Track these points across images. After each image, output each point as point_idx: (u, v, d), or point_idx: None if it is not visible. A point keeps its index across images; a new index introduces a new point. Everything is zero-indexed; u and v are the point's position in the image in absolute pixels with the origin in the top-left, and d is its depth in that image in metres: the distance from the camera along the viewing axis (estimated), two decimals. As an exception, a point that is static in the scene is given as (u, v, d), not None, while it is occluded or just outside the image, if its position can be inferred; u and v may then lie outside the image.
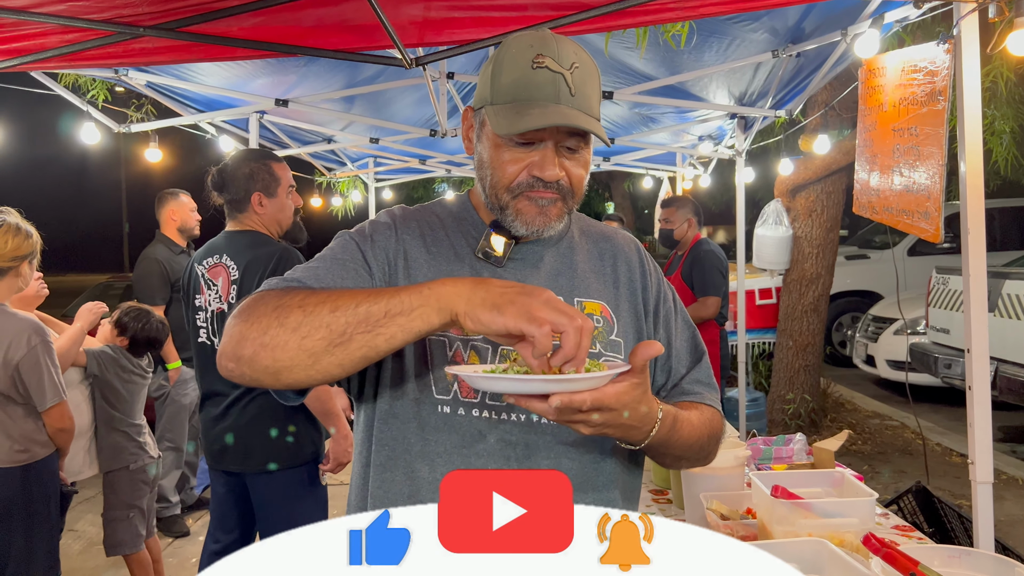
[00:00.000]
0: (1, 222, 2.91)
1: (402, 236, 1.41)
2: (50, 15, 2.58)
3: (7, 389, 2.91)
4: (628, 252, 1.55)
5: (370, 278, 1.36)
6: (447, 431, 1.32)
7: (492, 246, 1.40)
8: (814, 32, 3.87)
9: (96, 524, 5.43)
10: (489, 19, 2.52)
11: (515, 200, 1.36)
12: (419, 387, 1.34)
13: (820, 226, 6.34)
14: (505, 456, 1.32)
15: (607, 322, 1.44)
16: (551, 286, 1.41)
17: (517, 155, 1.33)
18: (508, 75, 1.32)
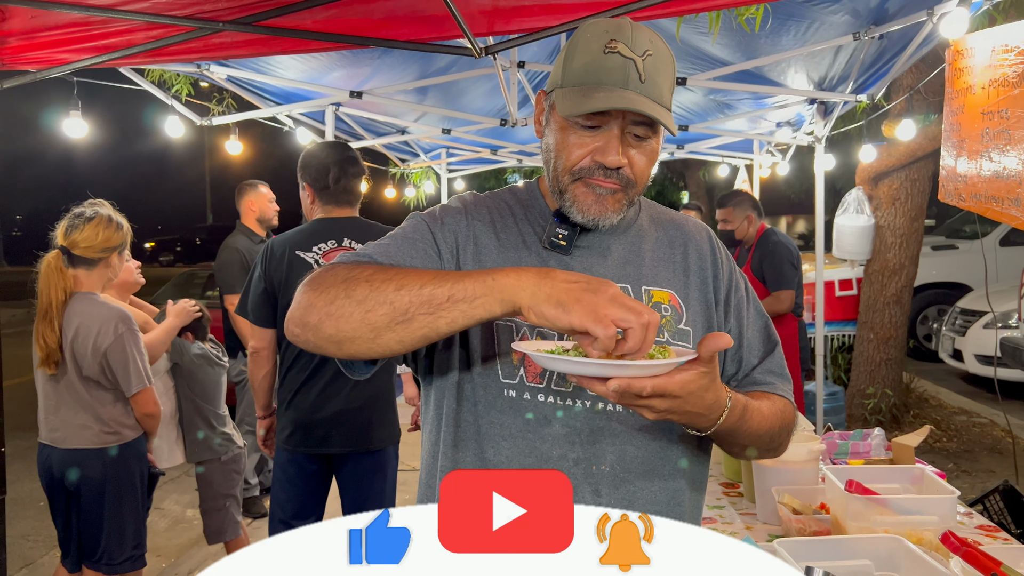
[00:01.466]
0: (94, 214, 3.04)
1: (472, 222, 1.42)
2: (136, 12, 2.68)
3: (96, 375, 3.05)
4: (699, 240, 1.52)
5: (439, 259, 1.37)
6: (512, 415, 1.33)
7: (558, 235, 1.39)
8: (898, 13, 3.72)
9: (180, 503, 5.68)
10: (559, 6, 2.51)
11: (574, 185, 1.34)
12: (486, 370, 1.35)
13: (904, 215, 6.11)
14: (570, 441, 1.32)
15: (675, 311, 1.42)
16: (619, 274, 1.41)
17: (583, 139, 1.32)
18: (580, 59, 1.32)
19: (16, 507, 3.97)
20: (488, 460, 1.34)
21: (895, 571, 1.63)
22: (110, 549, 3.11)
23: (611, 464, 1.33)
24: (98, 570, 3.11)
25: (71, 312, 3.02)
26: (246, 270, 5.12)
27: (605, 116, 1.30)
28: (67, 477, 3.08)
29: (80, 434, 3.06)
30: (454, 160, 8.71)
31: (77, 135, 3.96)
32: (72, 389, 3.05)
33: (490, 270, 1.17)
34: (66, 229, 3.03)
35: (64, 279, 2.99)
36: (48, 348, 2.97)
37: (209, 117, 5.16)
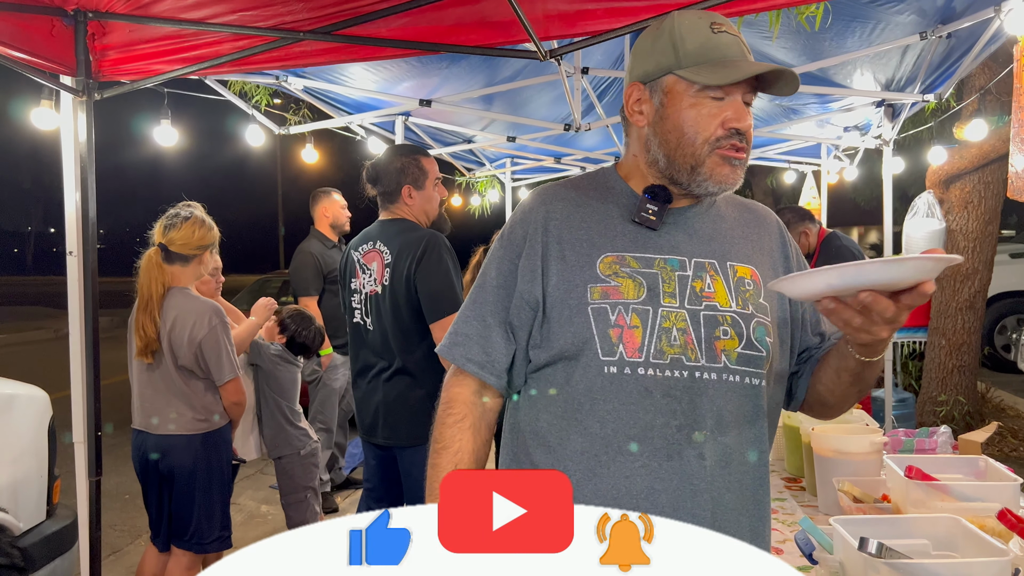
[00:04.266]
0: (189, 215, 3.26)
1: (550, 225, 1.51)
2: (224, 24, 2.87)
3: (191, 364, 3.24)
4: (770, 223, 1.63)
5: (534, 282, 1.49)
6: (614, 390, 1.41)
7: (649, 210, 1.48)
8: (965, 11, 3.69)
9: (255, 499, 5.90)
10: (622, 9, 2.59)
11: (711, 156, 1.43)
12: (584, 353, 1.43)
13: (977, 218, 5.97)
14: (671, 410, 1.40)
15: (756, 285, 1.51)
16: (706, 250, 1.50)
17: (715, 110, 1.42)
18: (692, 41, 1.43)
19: (104, 498, 4.22)
20: (595, 435, 1.42)
21: (953, 551, 1.65)
22: (200, 529, 3.29)
23: (711, 428, 1.41)
24: (188, 549, 3.30)
25: (168, 305, 3.22)
26: (319, 274, 5.32)
27: (731, 87, 1.41)
28: (161, 461, 3.28)
29: (173, 421, 3.26)
30: (518, 169, 8.85)
31: (168, 143, 4.21)
32: (167, 378, 3.26)
33: None
34: (164, 228, 3.25)
35: (163, 274, 3.21)
36: (147, 338, 3.18)
37: (287, 126, 5.39)
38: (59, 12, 2.88)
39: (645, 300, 1.43)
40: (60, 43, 2.91)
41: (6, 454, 3.24)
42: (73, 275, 3.02)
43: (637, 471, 1.40)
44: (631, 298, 1.43)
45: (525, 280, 1.50)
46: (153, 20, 2.89)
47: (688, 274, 1.47)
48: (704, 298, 1.45)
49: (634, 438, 1.40)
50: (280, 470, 4.07)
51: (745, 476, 1.46)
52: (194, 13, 2.85)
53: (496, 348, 1.52)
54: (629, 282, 1.44)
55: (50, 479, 3.53)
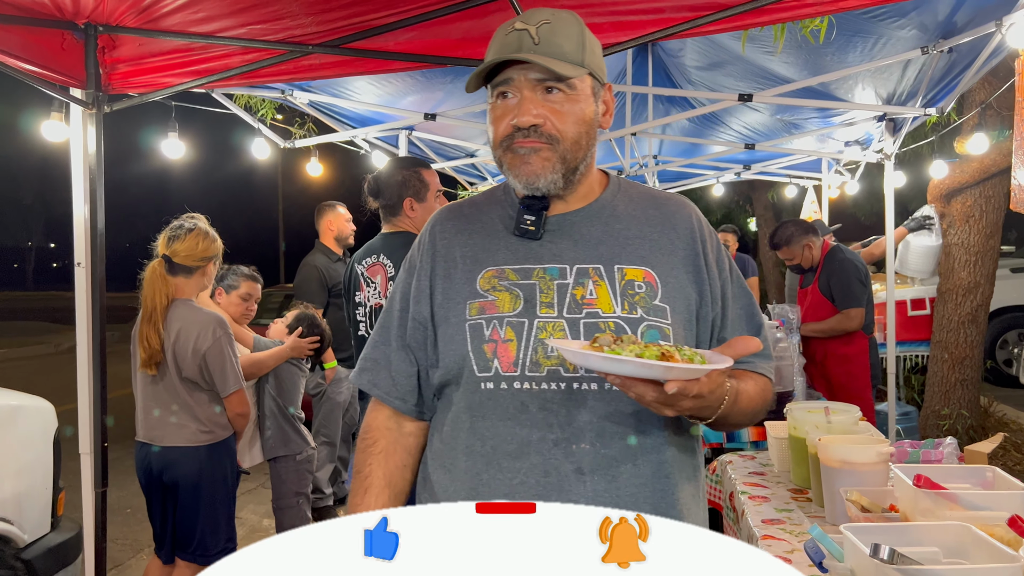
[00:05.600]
0: (193, 226, 3.27)
1: (436, 247, 1.53)
2: (233, 38, 2.90)
3: (194, 376, 3.24)
4: (680, 218, 1.53)
5: (423, 302, 1.52)
6: (492, 406, 1.40)
7: (526, 221, 1.46)
8: (967, 25, 3.72)
9: (257, 513, 5.88)
10: (628, 23, 2.62)
11: (505, 154, 1.43)
12: (462, 370, 1.43)
13: (978, 232, 5.98)
14: (548, 424, 1.37)
15: (650, 287, 1.44)
16: (591, 255, 1.45)
17: (500, 111, 1.42)
18: (490, 51, 1.43)
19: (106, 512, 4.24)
20: (476, 453, 1.41)
21: (964, 558, 1.65)
22: (204, 541, 3.28)
23: (590, 441, 1.37)
24: (193, 561, 3.29)
25: (172, 316, 3.23)
26: (324, 287, 5.34)
27: (512, 84, 1.39)
28: (165, 473, 3.28)
29: (177, 433, 3.26)
30: (520, 183, 8.89)
31: (175, 155, 4.23)
32: (172, 390, 3.25)
33: None
34: (168, 239, 3.26)
35: (166, 285, 3.21)
36: (151, 349, 3.18)
37: (292, 140, 5.42)
38: (70, 26, 2.91)
39: (520, 312, 1.41)
40: (71, 56, 2.94)
41: (11, 465, 3.25)
42: (81, 286, 3.03)
43: (516, 488, 1.37)
44: (506, 311, 1.41)
45: (416, 300, 1.52)
46: (163, 34, 2.92)
47: (568, 282, 1.43)
48: (585, 305, 1.41)
49: (511, 454, 1.37)
50: (274, 473, 4.06)
51: (642, 489, 1.40)
52: (204, 27, 2.88)
53: (400, 372, 1.54)
54: (506, 295, 1.43)
55: (54, 491, 3.53)
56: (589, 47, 1.45)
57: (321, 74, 2.93)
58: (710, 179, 8.62)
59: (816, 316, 4.77)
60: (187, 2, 2.71)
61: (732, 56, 4.89)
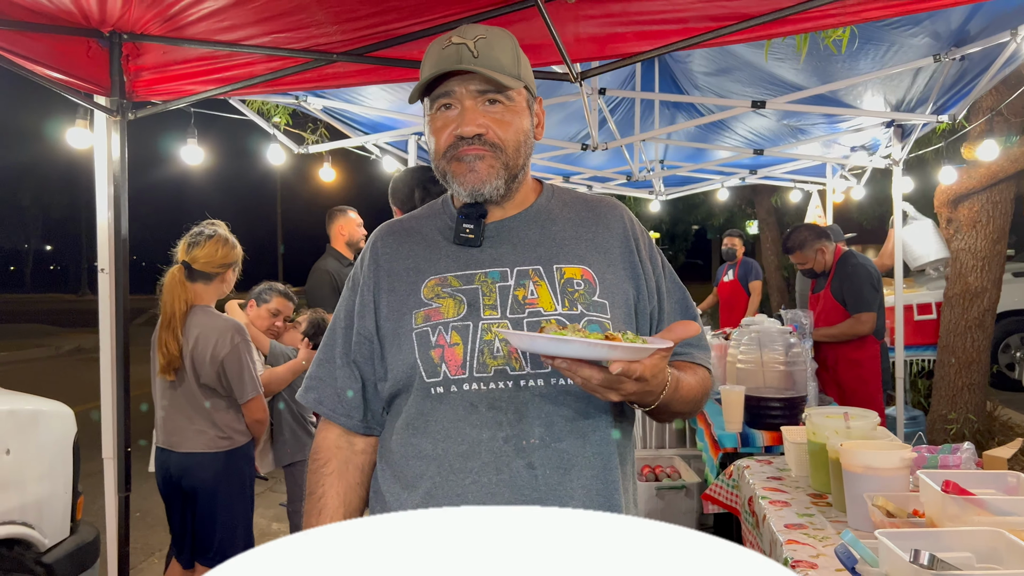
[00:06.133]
0: (213, 233, 3.29)
1: (378, 261, 1.57)
2: (257, 46, 2.92)
3: (212, 382, 3.26)
4: (612, 218, 1.61)
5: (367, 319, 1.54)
6: (443, 409, 1.44)
7: (465, 229, 1.51)
8: (980, 34, 3.75)
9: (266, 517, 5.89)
10: (651, 32, 2.64)
11: (450, 164, 1.47)
12: (411, 377, 1.46)
13: (985, 237, 6.02)
14: (497, 422, 1.41)
15: (589, 284, 1.51)
16: (530, 257, 1.51)
17: (441, 121, 1.46)
18: (428, 62, 1.47)
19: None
20: (429, 456, 1.44)
21: (997, 563, 1.68)
22: (223, 547, 3.30)
23: (540, 436, 1.41)
24: (212, 565, 3.30)
25: (190, 323, 3.24)
26: (336, 291, 5.35)
27: (454, 96, 1.44)
28: (184, 479, 3.30)
29: (196, 439, 3.27)
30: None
31: (194, 162, 4.25)
32: (190, 395, 3.27)
33: None
34: (187, 245, 3.28)
35: (186, 291, 3.23)
36: (170, 355, 3.20)
37: (306, 145, 5.45)
38: (95, 34, 2.93)
39: (464, 316, 1.45)
40: (96, 64, 2.96)
41: (33, 470, 3.26)
42: (104, 292, 3.05)
43: (468, 488, 1.40)
44: (450, 316, 1.45)
45: (360, 316, 1.55)
46: (188, 42, 2.94)
47: (510, 284, 1.49)
48: (527, 305, 1.47)
49: (463, 455, 1.41)
50: (290, 478, 4.08)
51: (593, 481, 1.46)
52: (228, 35, 2.90)
53: (345, 388, 1.56)
54: (450, 301, 1.47)
55: (74, 495, 3.55)
56: (523, 62, 1.52)
57: (344, 82, 2.95)
58: (715, 183, 8.65)
59: (828, 321, 4.80)
60: (213, 11, 2.74)
61: (740, 62, 4.92)
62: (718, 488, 3.45)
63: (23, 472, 3.19)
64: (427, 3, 2.67)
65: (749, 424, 3.91)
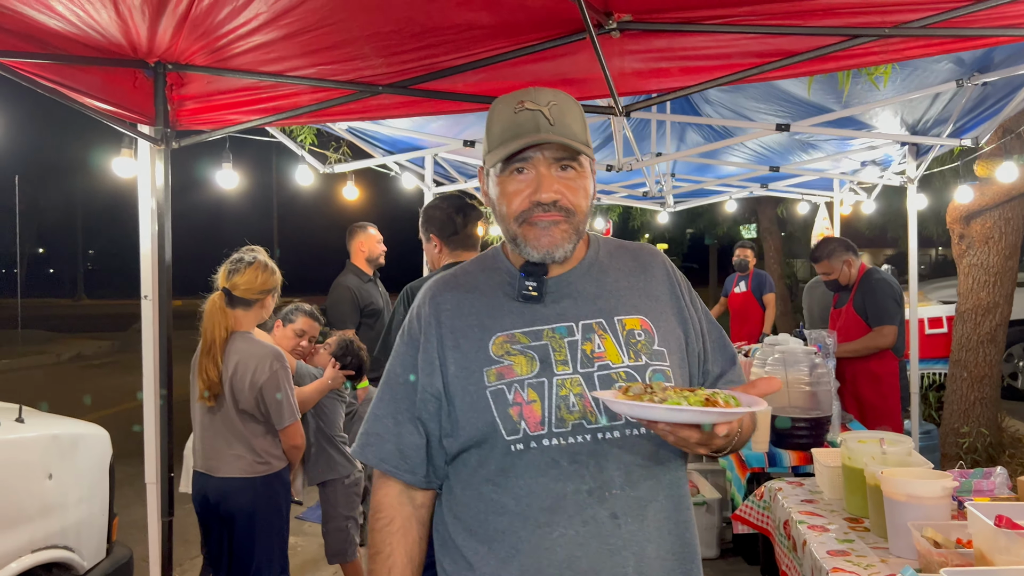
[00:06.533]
0: (253, 259, 3.32)
1: (441, 321, 1.58)
2: (302, 77, 2.96)
3: (251, 408, 3.29)
4: (656, 266, 1.68)
5: (430, 383, 1.55)
6: (523, 466, 1.47)
7: (528, 287, 1.55)
8: (1005, 61, 3.81)
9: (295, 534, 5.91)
10: (696, 68, 2.69)
11: (522, 228, 1.52)
12: (489, 434, 1.49)
13: (997, 253, 6.09)
14: (580, 475, 1.46)
15: (648, 334, 1.57)
16: (592, 310, 1.56)
17: (517, 186, 1.51)
18: (497, 124, 1.53)
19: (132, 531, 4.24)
20: (512, 512, 1.47)
21: (1057, 602, 1.72)
22: (260, 570, 3.33)
23: (620, 485, 1.47)
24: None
25: (230, 349, 3.27)
26: (356, 307, 5.39)
27: (530, 161, 1.50)
28: (221, 504, 3.32)
29: (234, 463, 3.30)
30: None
31: (229, 186, 4.28)
32: (228, 421, 3.30)
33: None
34: (228, 272, 3.31)
35: (226, 318, 3.26)
36: (210, 381, 3.23)
37: (330, 164, 5.49)
38: (141, 64, 2.97)
39: (538, 373, 1.48)
40: (141, 94, 3.00)
41: (73, 494, 3.30)
42: (148, 320, 3.08)
43: (556, 541, 1.44)
44: (524, 374, 1.48)
45: (425, 373, 1.55)
46: (232, 72, 2.98)
47: (577, 338, 1.52)
48: (596, 359, 1.51)
49: (548, 509, 1.45)
50: (323, 497, 4.11)
51: (666, 522, 1.51)
52: (273, 67, 2.94)
53: (409, 445, 1.56)
54: (521, 358, 1.50)
55: (110, 517, 3.58)
56: (587, 126, 1.59)
57: (389, 113, 2.99)
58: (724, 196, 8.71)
59: (849, 336, 4.85)
60: (260, 44, 2.77)
61: (781, 93, 4.96)
62: (749, 509, 3.49)
63: (64, 496, 3.23)
64: (474, 38, 2.71)
65: (775, 444, 3.96)
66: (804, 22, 2.52)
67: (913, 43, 2.49)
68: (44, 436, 3.18)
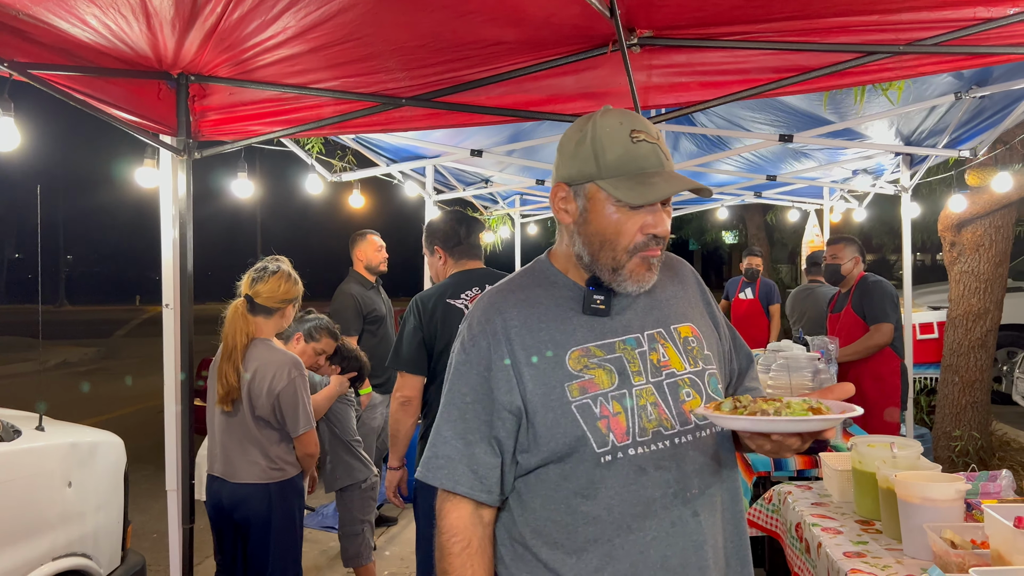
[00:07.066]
0: (276, 269, 3.34)
1: (510, 335, 1.56)
2: (325, 90, 3.00)
3: (267, 415, 3.31)
4: (686, 274, 1.76)
5: (499, 404, 1.54)
6: (613, 476, 1.51)
7: (596, 301, 1.58)
8: (1005, 75, 3.90)
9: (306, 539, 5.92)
10: (714, 83, 2.76)
11: (631, 260, 1.53)
12: (578, 448, 1.50)
13: (988, 260, 6.22)
14: (665, 480, 1.51)
15: (698, 340, 1.65)
16: (650, 320, 1.61)
17: (634, 218, 1.50)
18: (612, 151, 1.49)
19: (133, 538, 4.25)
20: (605, 521, 1.51)
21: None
22: None
23: (697, 485, 1.54)
24: None
25: (250, 356, 3.29)
26: (359, 314, 5.42)
27: None
28: (236, 509, 3.34)
29: (248, 469, 3.32)
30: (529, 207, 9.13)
31: (245, 195, 4.31)
32: (244, 426, 3.32)
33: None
34: (251, 280, 3.33)
35: (247, 325, 3.28)
36: (229, 386, 3.25)
37: (337, 173, 5.52)
38: (164, 76, 3.00)
39: (618, 385, 1.52)
40: (166, 105, 3.03)
41: (91, 501, 3.31)
42: (169, 329, 3.10)
43: (649, 545, 1.50)
44: (606, 387, 1.52)
45: (502, 391, 1.53)
46: (254, 84, 3.01)
47: (645, 349, 1.57)
48: (663, 368, 1.57)
49: (640, 515, 1.51)
50: (341, 502, 4.14)
51: (728, 513, 1.62)
52: (297, 79, 2.98)
53: (484, 465, 1.54)
54: (600, 372, 1.53)
55: (124, 524, 3.59)
56: None
57: (411, 125, 3.04)
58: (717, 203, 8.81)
59: (851, 338, 4.90)
60: (285, 56, 2.81)
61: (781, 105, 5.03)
62: (758, 512, 3.56)
63: (83, 503, 3.24)
64: (498, 53, 2.76)
65: (780, 448, 4.02)
66: (821, 39, 2.59)
67: (927, 60, 2.57)
68: (64, 444, 3.20)
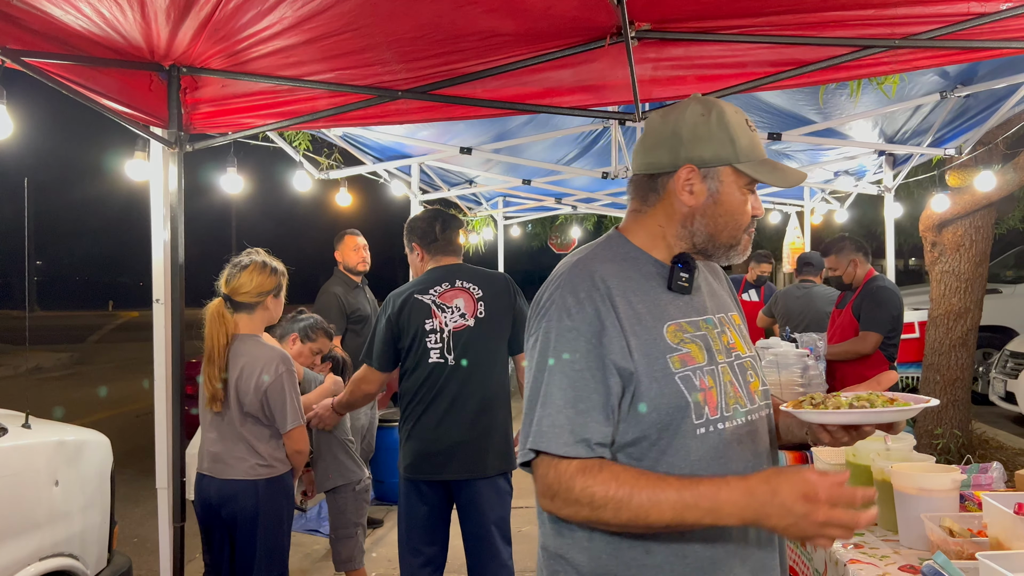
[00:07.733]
0: (248, 262, 3.28)
1: (616, 303, 1.55)
2: (320, 82, 2.98)
3: (256, 411, 3.26)
4: (719, 270, 1.85)
5: (612, 368, 1.51)
6: (706, 448, 1.55)
7: (682, 278, 1.62)
8: (989, 74, 3.96)
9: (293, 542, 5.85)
10: (710, 76, 2.77)
11: (743, 236, 1.65)
12: (680, 420, 1.53)
13: (968, 260, 6.29)
14: (744, 455, 1.59)
15: (743, 326, 1.77)
16: (716, 304, 1.70)
17: (747, 202, 1.63)
18: (742, 137, 1.59)
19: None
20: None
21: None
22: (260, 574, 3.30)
23: (766, 460, 1.65)
24: None
25: (235, 352, 3.24)
26: (343, 314, 5.38)
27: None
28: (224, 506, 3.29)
29: (237, 466, 3.26)
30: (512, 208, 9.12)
31: (234, 190, 4.25)
32: (232, 423, 3.26)
33: (718, 491, 1.41)
34: (227, 278, 3.28)
35: (225, 324, 3.21)
36: (214, 389, 3.19)
37: (324, 171, 5.48)
38: (155, 67, 2.96)
39: (708, 361, 1.58)
40: (157, 96, 2.99)
41: (78, 501, 3.25)
42: (160, 323, 3.05)
43: None
44: (701, 362, 1.57)
45: (617, 355, 1.50)
46: (248, 76, 2.97)
47: (720, 330, 1.65)
48: (732, 349, 1.65)
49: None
50: (333, 503, 4.08)
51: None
52: (291, 71, 2.94)
53: (596, 433, 1.49)
54: (694, 347, 1.58)
55: (111, 525, 3.53)
56: None
57: (407, 118, 3.02)
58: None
59: (844, 337, 4.89)
60: (280, 48, 2.78)
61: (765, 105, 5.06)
62: (750, 508, 3.57)
63: (70, 503, 3.18)
64: (496, 45, 2.75)
65: (770, 444, 4.04)
66: (817, 33, 2.61)
67: (921, 54, 2.60)
68: (51, 442, 3.13)
